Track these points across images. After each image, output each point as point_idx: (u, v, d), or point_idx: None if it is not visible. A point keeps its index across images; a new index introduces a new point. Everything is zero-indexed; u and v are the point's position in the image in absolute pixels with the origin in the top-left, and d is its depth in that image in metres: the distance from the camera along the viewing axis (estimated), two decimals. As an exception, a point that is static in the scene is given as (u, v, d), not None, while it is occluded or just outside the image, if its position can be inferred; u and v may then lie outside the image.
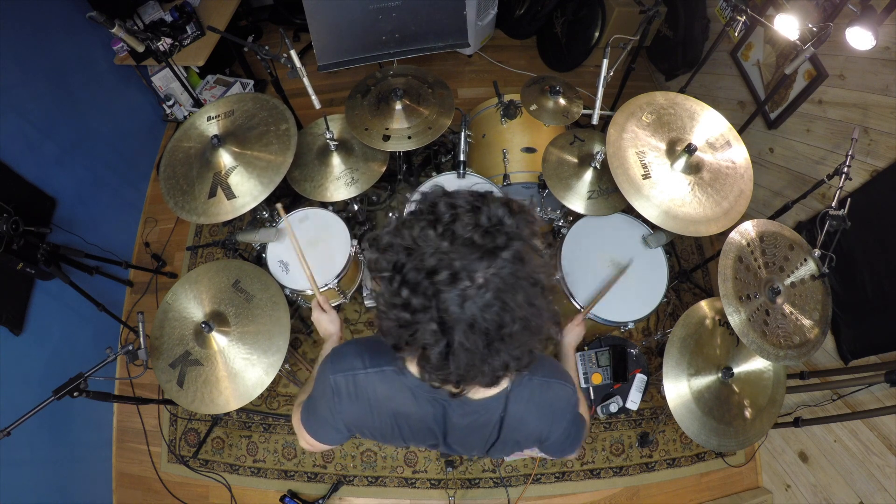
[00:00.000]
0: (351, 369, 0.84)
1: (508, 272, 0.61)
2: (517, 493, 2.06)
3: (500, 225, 0.64)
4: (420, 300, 0.62)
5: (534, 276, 0.64)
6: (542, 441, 0.93)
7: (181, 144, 1.76)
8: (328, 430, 0.91)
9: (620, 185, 1.58)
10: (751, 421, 1.59)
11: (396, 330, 0.67)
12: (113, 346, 1.68)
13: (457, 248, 0.61)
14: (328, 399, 0.85)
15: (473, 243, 0.61)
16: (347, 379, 0.84)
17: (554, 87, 1.94)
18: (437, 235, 0.62)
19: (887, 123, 1.65)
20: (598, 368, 1.92)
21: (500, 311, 0.62)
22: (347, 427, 0.89)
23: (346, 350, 0.88)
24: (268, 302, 1.61)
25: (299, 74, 1.72)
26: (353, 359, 0.85)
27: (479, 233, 0.62)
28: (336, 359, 0.87)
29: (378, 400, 0.84)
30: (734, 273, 1.47)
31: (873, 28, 1.40)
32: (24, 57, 1.99)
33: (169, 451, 2.21)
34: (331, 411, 0.86)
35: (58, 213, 2.08)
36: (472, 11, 2.83)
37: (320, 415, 0.90)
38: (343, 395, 0.84)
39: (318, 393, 0.89)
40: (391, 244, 0.66)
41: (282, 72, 1.84)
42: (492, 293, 0.61)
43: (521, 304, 0.63)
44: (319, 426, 0.92)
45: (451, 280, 0.60)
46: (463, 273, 0.60)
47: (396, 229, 0.67)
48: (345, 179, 1.88)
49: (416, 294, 0.62)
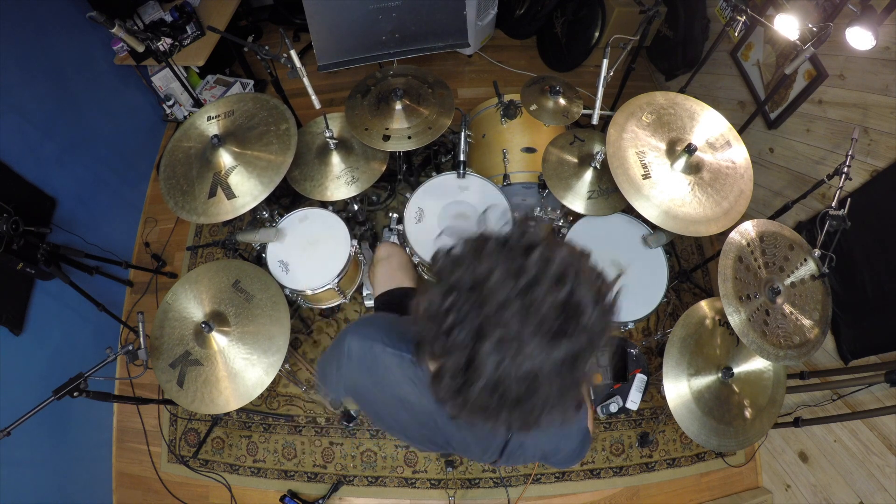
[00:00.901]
0: (370, 339, 0.82)
1: (558, 362, 0.57)
2: (517, 493, 2.06)
3: (578, 313, 0.58)
4: (460, 338, 0.58)
5: (578, 378, 0.60)
6: (549, 457, 0.93)
7: (181, 144, 1.76)
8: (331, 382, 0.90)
9: (620, 185, 1.58)
10: (751, 421, 1.59)
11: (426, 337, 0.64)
12: (113, 346, 1.68)
13: (523, 315, 0.56)
14: (338, 357, 0.85)
15: (542, 319, 0.56)
16: (364, 345, 0.83)
17: (554, 87, 1.94)
18: (513, 291, 0.56)
19: (887, 123, 1.65)
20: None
21: (528, 392, 0.58)
22: (346, 390, 0.88)
23: (374, 320, 0.88)
24: (268, 302, 1.61)
25: (299, 74, 1.72)
26: (377, 331, 0.84)
27: (554, 311, 0.56)
28: (361, 324, 0.86)
29: (387, 380, 0.82)
30: (734, 273, 1.47)
31: (873, 28, 1.40)
32: (24, 57, 1.99)
33: (169, 451, 2.21)
34: (337, 369, 0.86)
35: (58, 213, 2.08)
36: (472, 11, 2.83)
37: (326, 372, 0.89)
38: (354, 358, 0.83)
39: (333, 346, 0.88)
40: (463, 261, 0.61)
41: (282, 72, 1.84)
42: (530, 370, 0.57)
43: (552, 394, 0.59)
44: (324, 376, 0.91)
45: (500, 342, 0.56)
46: (514, 342, 0.56)
47: (477, 252, 0.61)
48: (345, 178, 1.88)
49: (460, 329, 0.58)
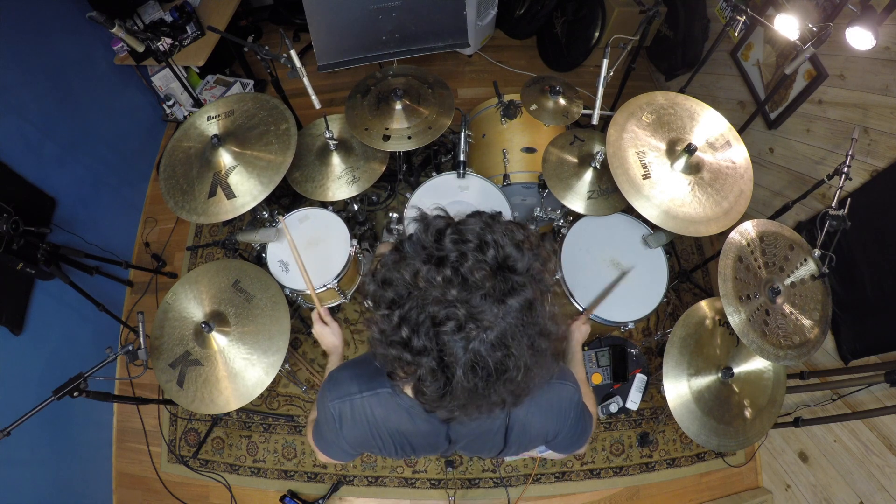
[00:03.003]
0: (348, 395, 0.84)
1: (516, 319, 0.59)
2: (517, 493, 2.06)
3: (510, 266, 0.60)
4: (422, 342, 0.59)
5: (540, 324, 0.62)
6: (551, 440, 0.94)
7: (181, 144, 1.76)
8: (336, 450, 0.93)
9: (620, 185, 1.58)
10: (751, 421, 1.59)
11: (392, 362, 0.65)
12: (113, 346, 1.67)
13: (465, 295, 0.58)
14: (330, 425, 0.87)
15: (482, 289, 0.58)
16: (344, 404, 0.84)
17: (554, 87, 1.94)
18: (444, 280, 0.58)
19: (887, 123, 1.65)
20: (598, 368, 1.92)
21: (504, 357, 0.60)
22: (352, 447, 0.90)
23: (341, 375, 0.89)
24: (268, 302, 1.61)
25: (299, 74, 1.72)
26: (348, 384, 0.86)
27: (487, 276, 0.58)
28: (332, 385, 0.88)
29: (377, 421, 0.84)
30: (734, 273, 1.47)
31: (873, 28, 1.40)
32: (24, 57, 1.99)
33: (169, 451, 2.21)
34: (335, 435, 0.88)
35: (58, 213, 2.08)
36: (472, 11, 2.83)
37: (327, 437, 0.92)
38: (343, 420, 0.85)
39: (321, 417, 0.90)
40: (390, 280, 0.62)
41: (282, 72, 1.84)
42: (497, 338, 0.58)
43: (524, 351, 0.61)
44: (328, 447, 0.94)
45: (458, 328, 0.58)
46: (469, 320, 0.57)
47: (396, 263, 0.63)
48: (346, 178, 1.88)
49: (417, 335, 0.59)
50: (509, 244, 0.61)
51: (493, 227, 0.62)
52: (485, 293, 0.58)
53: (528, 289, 0.60)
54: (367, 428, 0.85)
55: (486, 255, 0.59)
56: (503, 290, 0.59)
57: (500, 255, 0.60)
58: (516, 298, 0.59)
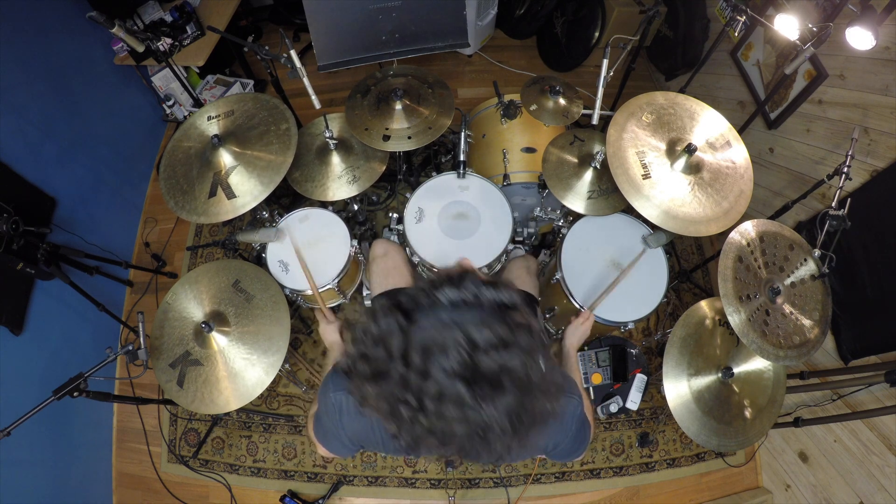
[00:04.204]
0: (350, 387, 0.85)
1: (502, 415, 0.58)
2: (517, 493, 2.06)
3: (500, 368, 0.57)
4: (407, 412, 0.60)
5: (531, 409, 0.61)
6: (550, 451, 0.94)
7: (181, 144, 1.76)
8: (336, 443, 0.93)
9: (620, 185, 1.58)
10: (751, 421, 1.59)
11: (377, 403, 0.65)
12: (113, 346, 1.67)
13: (441, 411, 0.57)
14: (331, 416, 0.88)
15: (460, 402, 0.57)
16: (346, 396, 0.85)
17: (554, 87, 1.94)
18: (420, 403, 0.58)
19: (887, 123, 1.65)
20: (598, 368, 1.92)
21: (488, 441, 0.60)
22: (352, 441, 0.91)
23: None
24: (268, 302, 1.61)
25: (299, 74, 1.72)
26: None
27: (462, 393, 0.56)
28: (337, 376, 0.89)
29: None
30: (734, 273, 1.47)
31: (873, 28, 1.40)
32: (24, 57, 1.99)
33: (169, 451, 2.21)
34: (335, 426, 0.88)
35: (58, 213, 2.08)
36: (472, 11, 2.83)
37: (327, 428, 0.92)
38: (344, 411, 0.86)
39: (322, 409, 0.91)
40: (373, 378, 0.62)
41: (282, 72, 1.84)
42: (481, 429, 0.59)
43: (519, 428, 0.61)
44: (328, 439, 0.94)
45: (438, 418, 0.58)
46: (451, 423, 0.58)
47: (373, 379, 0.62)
48: (347, 178, 1.88)
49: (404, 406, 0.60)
50: (491, 336, 0.58)
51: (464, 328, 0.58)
52: (463, 405, 0.57)
53: (511, 390, 0.58)
54: (368, 421, 0.85)
55: (457, 372, 0.57)
56: (483, 396, 0.57)
57: (475, 366, 0.57)
58: (500, 401, 0.57)
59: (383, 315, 0.62)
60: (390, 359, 0.59)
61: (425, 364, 0.57)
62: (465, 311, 0.60)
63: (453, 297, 0.61)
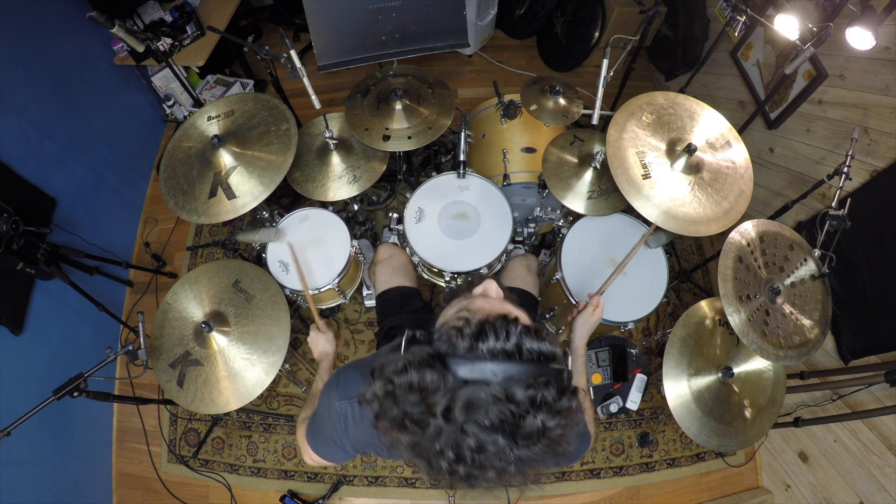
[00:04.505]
0: (357, 396, 0.83)
1: (538, 457, 0.61)
2: (517, 492, 2.06)
3: (539, 427, 0.58)
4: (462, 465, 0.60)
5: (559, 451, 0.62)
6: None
7: (181, 144, 1.76)
8: (334, 449, 0.92)
9: (620, 185, 1.58)
10: (751, 421, 1.59)
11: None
12: (113, 346, 1.67)
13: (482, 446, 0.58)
14: (334, 424, 0.86)
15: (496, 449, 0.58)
16: (353, 405, 0.84)
17: (554, 87, 1.94)
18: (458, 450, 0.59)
19: (887, 123, 1.65)
20: (598, 368, 1.92)
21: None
22: (355, 448, 0.90)
23: (350, 375, 0.88)
24: (268, 302, 1.61)
25: (299, 74, 1.72)
26: (358, 384, 0.85)
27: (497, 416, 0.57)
28: (340, 384, 0.88)
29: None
30: (734, 273, 1.47)
31: (873, 28, 1.40)
32: (24, 57, 1.99)
33: (169, 451, 2.21)
34: (337, 434, 0.87)
35: (58, 213, 2.08)
36: (472, 11, 2.83)
37: (327, 436, 0.90)
38: (349, 420, 0.85)
39: (323, 416, 0.89)
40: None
41: (282, 72, 1.84)
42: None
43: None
44: (325, 446, 0.93)
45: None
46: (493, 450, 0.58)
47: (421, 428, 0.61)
48: (347, 178, 1.88)
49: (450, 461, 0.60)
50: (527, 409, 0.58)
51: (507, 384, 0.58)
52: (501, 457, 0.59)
53: (543, 443, 0.60)
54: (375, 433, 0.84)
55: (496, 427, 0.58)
56: (518, 447, 0.58)
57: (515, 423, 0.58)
58: (532, 450, 0.60)
59: (421, 364, 0.59)
60: (431, 414, 0.58)
61: (466, 419, 0.57)
62: (507, 365, 0.59)
63: (495, 348, 0.59)
